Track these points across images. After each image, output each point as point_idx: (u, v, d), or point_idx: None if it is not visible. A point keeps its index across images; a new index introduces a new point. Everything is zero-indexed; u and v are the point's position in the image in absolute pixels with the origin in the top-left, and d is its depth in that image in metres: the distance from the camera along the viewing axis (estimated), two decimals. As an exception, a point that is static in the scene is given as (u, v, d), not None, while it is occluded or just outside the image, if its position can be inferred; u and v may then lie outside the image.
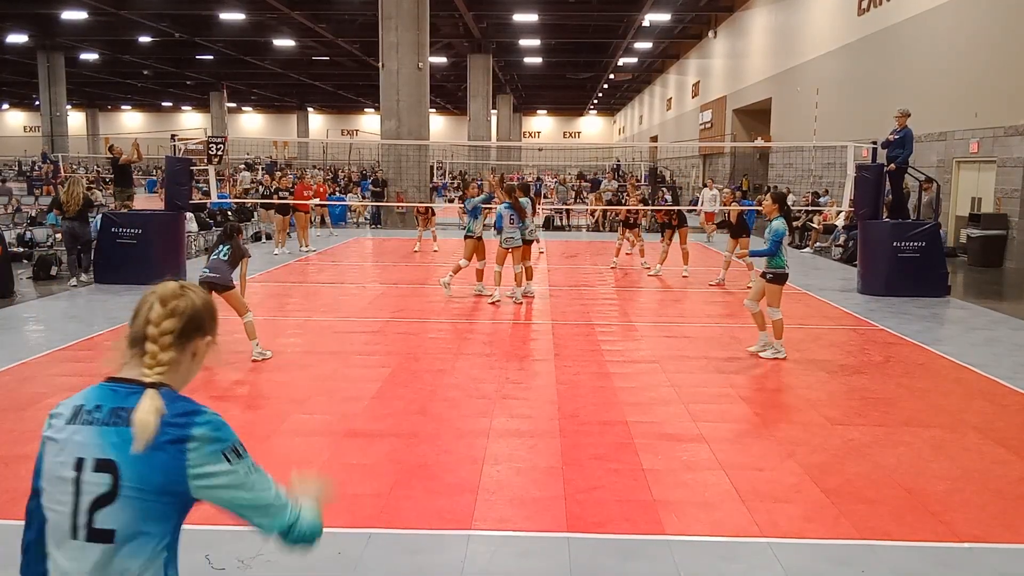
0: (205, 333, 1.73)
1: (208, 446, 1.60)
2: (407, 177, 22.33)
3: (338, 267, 14.69)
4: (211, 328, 1.75)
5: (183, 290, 1.71)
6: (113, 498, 1.56)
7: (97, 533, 1.56)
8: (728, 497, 4.57)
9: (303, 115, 70.80)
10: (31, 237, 14.90)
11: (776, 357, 7.79)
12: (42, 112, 43.04)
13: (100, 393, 1.64)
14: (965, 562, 3.88)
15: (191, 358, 1.72)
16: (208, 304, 1.75)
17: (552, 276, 13.78)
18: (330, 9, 30.82)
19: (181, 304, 1.68)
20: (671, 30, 37.77)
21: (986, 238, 14.75)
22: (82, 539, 1.56)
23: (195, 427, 1.59)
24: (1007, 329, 9.44)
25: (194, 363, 1.74)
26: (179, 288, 1.70)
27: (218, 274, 7.51)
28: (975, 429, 5.81)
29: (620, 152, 53.11)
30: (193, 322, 1.69)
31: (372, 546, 3.96)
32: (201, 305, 1.72)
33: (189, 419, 1.60)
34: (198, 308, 1.71)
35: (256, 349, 7.61)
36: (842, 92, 21.89)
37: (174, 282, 1.72)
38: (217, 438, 1.61)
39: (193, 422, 1.60)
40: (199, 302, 1.72)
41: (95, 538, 1.56)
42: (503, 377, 7.15)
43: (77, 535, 1.57)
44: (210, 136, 14.77)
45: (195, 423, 1.60)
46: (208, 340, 1.74)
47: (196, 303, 1.71)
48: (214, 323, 1.77)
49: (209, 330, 1.75)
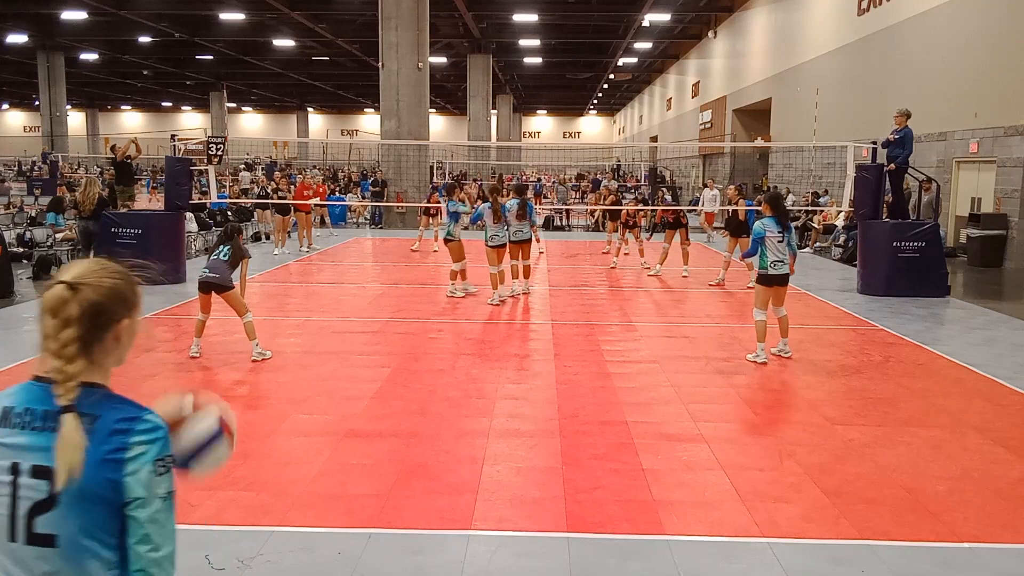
0: (119, 319, 1.63)
1: (146, 453, 1.55)
2: (407, 177, 22.34)
3: (338, 267, 14.69)
4: (125, 311, 1.64)
5: (72, 291, 1.58)
6: (52, 505, 1.52)
7: (38, 538, 1.53)
8: (728, 497, 4.57)
9: (303, 115, 70.81)
10: (31, 237, 14.90)
11: (755, 360, 7.65)
12: (42, 112, 43.02)
13: (29, 394, 1.59)
14: (965, 562, 3.88)
15: (116, 344, 1.64)
16: (112, 290, 1.61)
17: (552, 276, 13.78)
18: (330, 9, 30.81)
19: (73, 310, 1.57)
20: (671, 30, 37.77)
21: (986, 238, 14.75)
22: (21, 542, 1.54)
23: (135, 434, 1.55)
24: (1007, 329, 9.44)
25: (122, 345, 1.66)
26: (66, 292, 1.57)
27: (217, 274, 7.53)
28: (975, 429, 5.81)
29: (620, 152, 53.11)
30: (98, 318, 1.59)
31: (372, 546, 3.96)
32: (102, 297, 1.60)
33: (130, 424, 1.55)
34: (97, 302, 1.59)
35: (256, 349, 7.62)
36: (842, 92, 21.89)
37: (60, 285, 1.58)
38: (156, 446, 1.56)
39: (134, 428, 1.55)
40: (96, 296, 1.59)
41: (36, 542, 1.53)
42: (503, 377, 7.16)
43: (16, 539, 1.54)
44: (210, 136, 14.77)
45: (135, 430, 1.55)
46: (127, 323, 1.64)
47: (93, 298, 1.58)
48: (126, 303, 1.64)
49: (123, 314, 1.63)
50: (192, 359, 7.61)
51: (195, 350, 7.71)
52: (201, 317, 7.71)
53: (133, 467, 1.53)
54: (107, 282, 1.62)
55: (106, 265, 1.66)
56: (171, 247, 12.41)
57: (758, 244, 7.66)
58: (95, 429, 1.54)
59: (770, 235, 7.64)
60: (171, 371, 7.25)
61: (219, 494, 4.50)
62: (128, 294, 1.66)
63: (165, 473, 1.57)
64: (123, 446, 1.53)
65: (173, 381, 6.92)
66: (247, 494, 4.53)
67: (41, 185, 29.53)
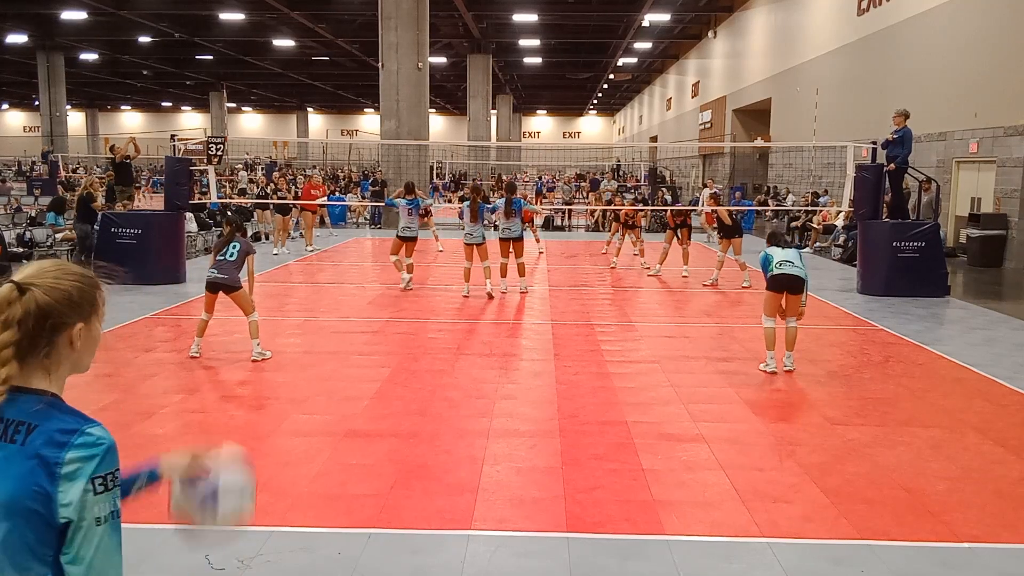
0: (71, 323, 1.54)
1: (81, 469, 1.45)
2: (407, 177, 22.23)
3: (338, 267, 14.69)
4: (77, 314, 1.55)
5: (19, 292, 1.51)
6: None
7: None
8: (728, 497, 4.57)
9: (303, 115, 70.79)
10: (31, 237, 14.90)
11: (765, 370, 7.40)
12: (42, 112, 42.98)
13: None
14: (965, 562, 3.88)
15: (71, 349, 1.55)
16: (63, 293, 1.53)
17: (552, 276, 13.78)
18: (330, 9, 30.80)
19: (16, 311, 1.49)
20: (671, 30, 37.77)
21: (986, 238, 14.75)
22: None
23: (72, 448, 1.45)
24: (1006, 329, 9.44)
25: (79, 351, 1.57)
26: (11, 292, 1.50)
27: (225, 275, 7.53)
28: (975, 429, 5.81)
29: (620, 152, 53.11)
30: (45, 322, 1.51)
31: (372, 546, 3.96)
32: (52, 300, 1.52)
33: (68, 438, 1.46)
34: (45, 305, 1.51)
35: (256, 349, 7.62)
36: (842, 92, 21.89)
37: (7, 286, 1.52)
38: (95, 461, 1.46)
39: (71, 442, 1.45)
40: (46, 298, 1.51)
41: None
42: (503, 377, 7.15)
43: None
44: (210, 136, 14.77)
45: (73, 444, 1.45)
46: (79, 327, 1.55)
47: (40, 301, 1.50)
48: (79, 307, 1.56)
49: (76, 318, 1.55)
50: (192, 359, 7.61)
51: (195, 350, 7.71)
52: (204, 317, 7.71)
53: (66, 485, 1.44)
54: (61, 284, 1.54)
55: (63, 267, 1.59)
56: (171, 247, 12.41)
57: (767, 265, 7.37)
58: (29, 440, 1.46)
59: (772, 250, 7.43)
60: (171, 371, 7.24)
61: (219, 494, 4.49)
62: (83, 298, 1.57)
63: (104, 492, 1.46)
64: (57, 460, 1.44)
65: (173, 381, 6.92)
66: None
67: (41, 185, 29.50)
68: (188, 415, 6.00)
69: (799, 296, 7.36)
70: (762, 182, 29.49)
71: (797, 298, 7.36)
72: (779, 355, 7.42)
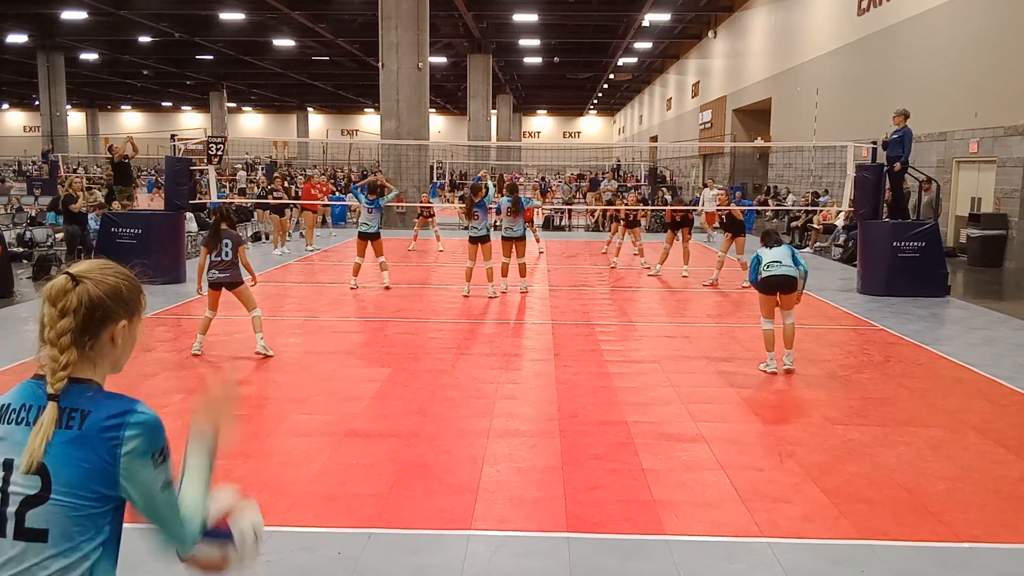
0: (116, 319, 1.63)
1: (140, 446, 1.56)
2: (407, 177, 22.32)
3: (338, 267, 14.69)
4: (123, 311, 1.64)
5: (73, 283, 1.59)
6: (44, 500, 1.53)
7: (28, 532, 1.53)
8: (728, 497, 4.57)
9: (303, 115, 70.79)
10: (31, 237, 14.90)
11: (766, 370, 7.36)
12: (42, 112, 43.00)
13: (28, 391, 1.60)
14: (965, 562, 3.88)
15: (111, 345, 1.64)
16: (112, 288, 1.62)
17: (552, 276, 13.78)
18: (330, 9, 30.80)
19: (72, 300, 1.58)
20: (671, 30, 37.77)
21: (986, 238, 14.75)
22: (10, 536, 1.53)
23: (128, 428, 1.55)
24: (1007, 329, 9.44)
25: (119, 348, 1.66)
26: (67, 283, 1.59)
27: (227, 274, 7.59)
28: (975, 429, 5.81)
29: (620, 152, 53.11)
30: (94, 313, 1.59)
31: (372, 546, 3.96)
32: (102, 293, 1.60)
33: (122, 419, 1.56)
34: (96, 297, 1.59)
35: (260, 343, 7.64)
36: (842, 92, 21.89)
37: (63, 276, 1.60)
38: (150, 438, 1.57)
39: (127, 422, 1.56)
40: (97, 291, 1.60)
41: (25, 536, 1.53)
42: (503, 377, 7.15)
43: (5, 533, 1.54)
44: (210, 136, 14.77)
45: (128, 423, 1.56)
46: (123, 324, 1.64)
47: (92, 293, 1.59)
48: (126, 305, 1.64)
49: (121, 314, 1.63)
50: (194, 356, 7.62)
51: (197, 347, 7.72)
52: (208, 315, 7.73)
53: (127, 461, 1.54)
54: (110, 280, 1.63)
55: (111, 265, 1.68)
56: (171, 247, 12.41)
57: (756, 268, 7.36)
58: (87, 425, 1.54)
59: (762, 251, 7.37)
60: (171, 371, 7.24)
61: (219, 494, 4.49)
62: (129, 296, 1.66)
63: (163, 463, 1.59)
64: (116, 442, 1.54)
65: (173, 381, 6.91)
66: (247, 494, 4.52)
67: (41, 185, 29.49)
68: (188, 415, 5.97)
69: (792, 294, 7.34)
70: (762, 182, 29.49)
71: (791, 296, 7.34)
72: (779, 354, 7.40)
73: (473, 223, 11.26)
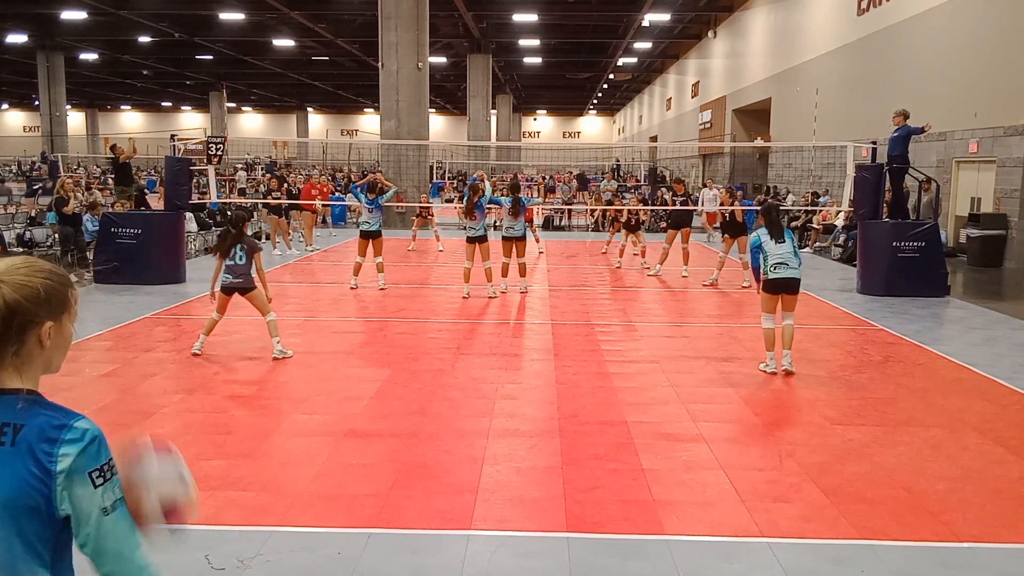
0: (39, 321, 1.51)
1: (77, 463, 1.45)
2: (407, 177, 22.33)
3: (338, 267, 14.68)
4: (46, 312, 1.52)
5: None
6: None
7: None
8: (728, 497, 4.57)
9: (303, 115, 70.79)
10: (31, 237, 14.90)
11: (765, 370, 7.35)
12: (42, 112, 43.00)
13: None
14: (965, 562, 3.88)
15: (40, 348, 1.52)
16: (30, 291, 1.50)
17: (552, 276, 13.78)
18: (330, 9, 30.81)
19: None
20: (671, 30, 37.77)
21: (985, 238, 14.75)
22: None
23: (63, 444, 1.45)
24: (1006, 329, 9.44)
25: (50, 350, 1.55)
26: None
27: (240, 279, 7.55)
28: (975, 429, 5.81)
29: (620, 152, 53.11)
30: (12, 320, 1.48)
31: (372, 546, 3.96)
32: (20, 298, 1.49)
33: (58, 434, 1.45)
34: (13, 304, 1.48)
35: (277, 347, 7.62)
36: (842, 92, 21.89)
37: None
38: (89, 455, 1.46)
39: (62, 438, 1.45)
40: (13, 296, 1.48)
41: None
42: (503, 377, 7.15)
43: None
44: (210, 136, 14.77)
45: (63, 440, 1.45)
46: (49, 326, 1.52)
47: (8, 299, 1.48)
48: (48, 305, 1.52)
49: (44, 316, 1.52)
50: (194, 356, 7.61)
51: (198, 347, 7.71)
52: (215, 316, 7.71)
53: (63, 481, 1.44)
54: (31, 280, 1.51)
55: (33, 263, 1.56)
56: (171, 247, 12.41)
57: (757, 253, 7.44)
58: (19, 439, 1.45)
59: (765, 242, 7.48)
60: (171, 371, 7.24)
61: (219, 494, 4.50)
62: (52, 297, 1.53)
63: (104, 483, 1.47)
64: (51, 458, 1.44)
65: (173, 381, 6.91)
66: (247, 494, 4.53)
67: (41, 185, 29.47)
68: (188, 415, 6.00)
69: (795, 296, 7.37)
70: (762, 182, 29.48)
71: (794, 297, 7.36)
72: (778, 356, 7.39)
73: (470, 223, 11.28)
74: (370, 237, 11.89)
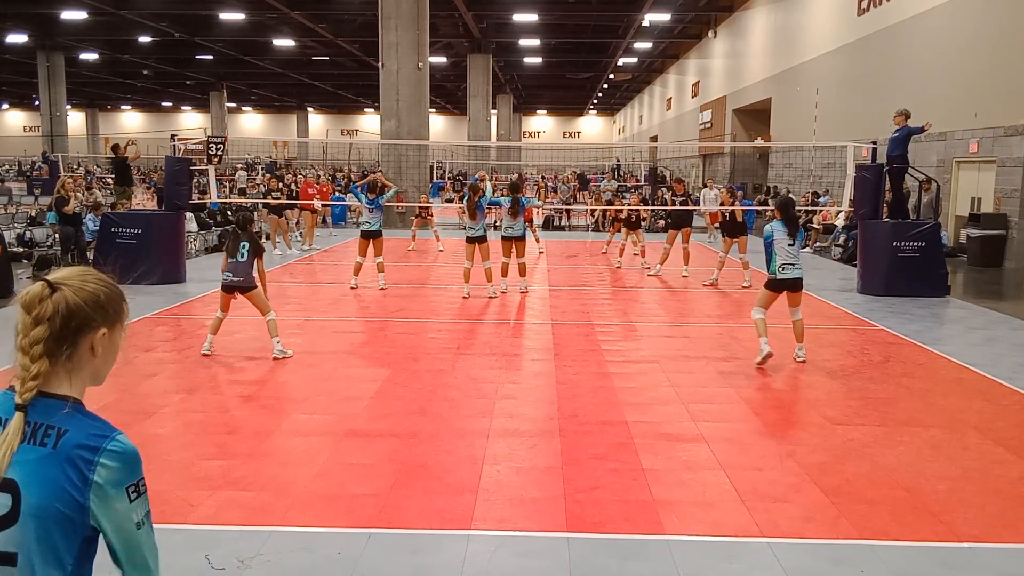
0: (95, 327, 1.55)
1: (115, 477, 1.47)
2: (407, 177, 22.33)
3: (338, 267, 14.68)
4: (102, 319, 1.56)
5: (50, 290, 1.53)
6: (13, 520, 1.45)
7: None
8: (728, 497, 4.57)
9: (303, 115, 70.81)
10: (31, 237, 14.91)
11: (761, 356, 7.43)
12: (42, 112, 43.01)
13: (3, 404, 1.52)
14: (965, 562, 3.88)
15: (91, 355, 1.56)
16: (91, 295, 1.55)
17: (552, 276, 13.78)
18: (330, 9, 30.81)
19: (47, 308, 1.51)
20: (671, 30, 37.78)
21: (986, 238, 14.75)
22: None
23: (104, 455, 1.47)
24: (1007, 329, 9.44)
25: (100, 358, 1.58)
26: (43, 290, 1.53)
27: (241, 277, 7.56)
28: (975, 429, 5.80)
29: (620, 152, 53.11)
30: (71, 322, 1.52)
31: (372, 546, 3.96)
32: (80, 300, 1.53)
33: (100, 443, 1.48)
34: (74, 305, 1.52)
35: (277, 347, 7.63)
36: (842, 92, 21.89)
37: (39, 283, 1.54)
38: (126, 470, 1.49)
39: (104, 448, 1.48)
40: (75, 298, 1.53)
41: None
42: (503, 377, 7.15)
43: None
44: (210, 136, 14.77)
45: (106, 450, 1.48)
46: (103, 333, 1.56)
47: (69, 301, 1.52)
48: (105, 312, 1.57)
49: (100, 322, 1.56)
50: (204, 356, 7.62)
51: (207, 347, 7.72)
52: (219, 315, 7.73)
53: (99, 492, 1.47)
54: (88, 287, 1.56)
55: (91, 272, 1.61)
56: (171, 247, 12.41)
57: (770, 248, 7.49)
58: (61, 444, 1.46)
59: (779, 239, 7.53)
60: (171, 371, 7.24)
61: (219, 494, 4.50)
62: (109, 304, 1.58)
63: (138, 498, 1.51)
64: (90, 468, 1.46)
65: (173, 381, 6.91)
66: (247, 494, 4.53)
67: (41, 185, 29.51)
68: (188, 415, 6.00)
69: (800, 293, 7.55)
70: (762, 182, 29.49)
71: (798, 294, 7.54)
72: (789, 349, 7.54)
73: (470, 223, 11.30)
74: (370, 237, 11.90)
